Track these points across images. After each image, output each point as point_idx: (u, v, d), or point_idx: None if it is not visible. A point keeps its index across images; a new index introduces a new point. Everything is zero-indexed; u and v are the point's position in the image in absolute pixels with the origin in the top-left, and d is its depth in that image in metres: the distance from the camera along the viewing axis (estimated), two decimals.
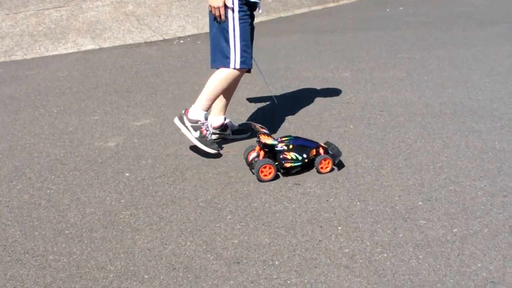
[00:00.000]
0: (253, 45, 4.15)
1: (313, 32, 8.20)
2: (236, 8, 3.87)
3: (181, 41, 7.91)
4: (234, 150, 4.23)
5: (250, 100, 5.30)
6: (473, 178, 3.67)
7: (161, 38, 8.08)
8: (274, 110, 5.04)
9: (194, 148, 4.18)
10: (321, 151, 3.80)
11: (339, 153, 3.81)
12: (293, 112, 4.92)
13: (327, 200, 3.43)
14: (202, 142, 4.00)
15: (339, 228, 3.13)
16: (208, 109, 4.06)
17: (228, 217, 3.29)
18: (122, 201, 3.51)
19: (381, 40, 7.64)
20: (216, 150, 4.04)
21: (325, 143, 3.90)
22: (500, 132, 4.39)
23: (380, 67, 6.31)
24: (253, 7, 3.98)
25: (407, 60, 6.56)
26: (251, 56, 4.07)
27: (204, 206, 3.42)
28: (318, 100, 5.19)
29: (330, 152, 3.81)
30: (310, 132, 4.48)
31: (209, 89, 4.03)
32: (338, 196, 3.49)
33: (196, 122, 3.99)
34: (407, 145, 4.21)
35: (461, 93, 5.35)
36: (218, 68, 4.04)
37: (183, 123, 4.03)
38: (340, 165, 3.87)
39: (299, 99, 5.29)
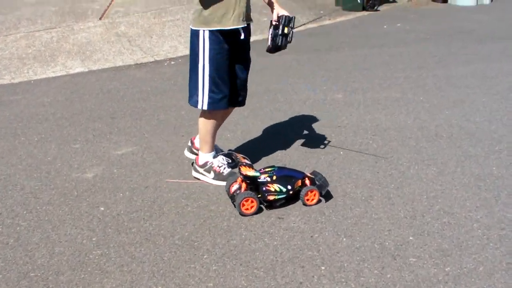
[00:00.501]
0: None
1: (307, 51, 7.98)
2: (207, 39, 3.60)
3: (172, 62, 7.71)
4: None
5: (238, 125, 5.09)
6: (469, 209, 3.43)
7: (152, 60, 7.89)
8: (261, 136, 4.83)
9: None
10: (307, 181, 3.57)
11: (326, 183, 3.58)
12: (281, 138, 4.70)
13: (311, 236, 3.20)
14: (219, 179, 3.91)
15: (323, 268, 2.90)
16: (211, 150, 3.96)
17: (205, 256, 3.06)
18: (94, 239, 3.29)
19: (378, 58, 7.43)
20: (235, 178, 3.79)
21: (312, 173, 3.67)
22: (499, 156, 4.16)
23: (375, 87, 6.10)
24: (233, 34, 3.64)
25: (403, 79, 6.34)
26: (228, 94, 3.78)
27: (180, 244, 3.19)
28: (308, 125, 4.97)
29: (317, 182, 3.58)
30: (298, 160, 4.26)
31: (200, 132, 3.94)
32: (324, 231, 3.26)
33: (206, 164, 3.95)
34: (399, 172, 3.98)
35: (458, 114, 5.12)
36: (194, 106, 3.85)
37: (198, 171, 4.00)
38: (327, 196, 3.64)
39: (289, 124, 5.08)
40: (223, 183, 3.83)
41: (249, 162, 3.55)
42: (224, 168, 3.92)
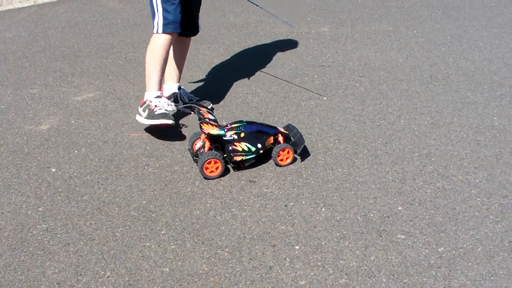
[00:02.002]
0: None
1: None
2: None
3: None
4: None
5: (212, 65, 4.61)
6: (466, 170, 3.02)
7: None
8: (236, 78, 4.37)
9: (148, 129, 3.62)
10: (280, 138, 3.14)
11: (302, 140, 3.14)
12: (257, 81, 4.25)
13: (285, 206, 2.80)
14: (148, 118, 3.45)
15: (297, 247, 2.51)
16: (157, 88, 3.51)
17: (163, 232, 2.66)
18: (40, 209, 2.88)
19: None
20: (166, 120, 3.40)
21: (286, 127, 3.23)
22: (500, 103, 3.73)
23: (364, 19, 5.59)
24: None
25: (395, 9, 5.83)
26: (181, 17, 3.48)
27: (135, 215, 2.79)
28: (289, 64, 4.50)
29: (291, 138, 3.14)
30: (275, 108, 3.82)
31: (146, 65, 3.51)
32: (300, 198, 2.85)
33: (145, 102, 3.49)
34: (388, 123, 3.55)
35: (455, 51, 4.65)
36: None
37: (138, 112, 3.55)
38: (306, 153, 3.23)
39: (267, 64, 4.60)
40: (152, 122, 3.43)
41: (213, 117, 3.10)
42: (160, 108, 3.45)
